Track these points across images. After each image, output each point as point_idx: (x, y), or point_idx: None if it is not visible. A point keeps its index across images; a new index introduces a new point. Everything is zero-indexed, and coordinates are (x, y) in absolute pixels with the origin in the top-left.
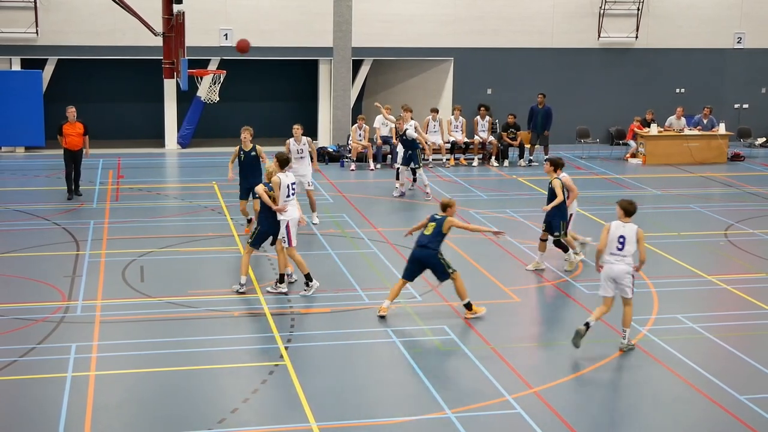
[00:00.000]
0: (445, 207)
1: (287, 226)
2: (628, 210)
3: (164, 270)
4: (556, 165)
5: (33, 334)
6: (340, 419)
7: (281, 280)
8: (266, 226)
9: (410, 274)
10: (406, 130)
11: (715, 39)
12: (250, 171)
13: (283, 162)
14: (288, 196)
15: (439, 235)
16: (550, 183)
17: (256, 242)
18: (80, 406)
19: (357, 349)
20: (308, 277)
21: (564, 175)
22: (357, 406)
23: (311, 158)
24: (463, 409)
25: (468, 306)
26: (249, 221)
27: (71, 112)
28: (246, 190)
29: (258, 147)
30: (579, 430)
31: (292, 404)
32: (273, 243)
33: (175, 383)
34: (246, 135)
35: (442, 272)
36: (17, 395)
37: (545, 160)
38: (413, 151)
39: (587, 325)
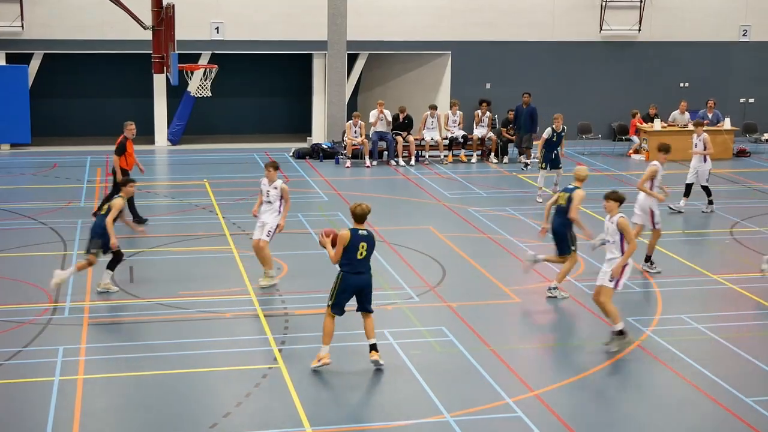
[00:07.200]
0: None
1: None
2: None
3: (154, 270)
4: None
5: (19, 337)
6: (336, 423)
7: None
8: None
9: None
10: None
11: (720, 32)
12: None
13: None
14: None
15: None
16: None
17: None
18: (68, 410)
19: (353, 352)
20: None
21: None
22: (353, 409)
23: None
24: (463, 412)
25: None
26: None
27: (132, 128)
28: None
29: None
30: None
31: (286, 408)
32: None
33: (166, 387)
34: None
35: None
36: (3, 399)
37: None
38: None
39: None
